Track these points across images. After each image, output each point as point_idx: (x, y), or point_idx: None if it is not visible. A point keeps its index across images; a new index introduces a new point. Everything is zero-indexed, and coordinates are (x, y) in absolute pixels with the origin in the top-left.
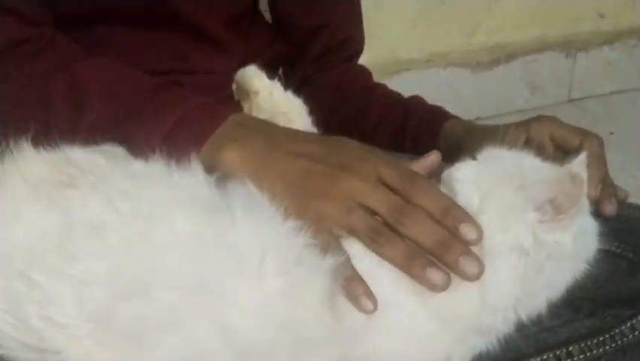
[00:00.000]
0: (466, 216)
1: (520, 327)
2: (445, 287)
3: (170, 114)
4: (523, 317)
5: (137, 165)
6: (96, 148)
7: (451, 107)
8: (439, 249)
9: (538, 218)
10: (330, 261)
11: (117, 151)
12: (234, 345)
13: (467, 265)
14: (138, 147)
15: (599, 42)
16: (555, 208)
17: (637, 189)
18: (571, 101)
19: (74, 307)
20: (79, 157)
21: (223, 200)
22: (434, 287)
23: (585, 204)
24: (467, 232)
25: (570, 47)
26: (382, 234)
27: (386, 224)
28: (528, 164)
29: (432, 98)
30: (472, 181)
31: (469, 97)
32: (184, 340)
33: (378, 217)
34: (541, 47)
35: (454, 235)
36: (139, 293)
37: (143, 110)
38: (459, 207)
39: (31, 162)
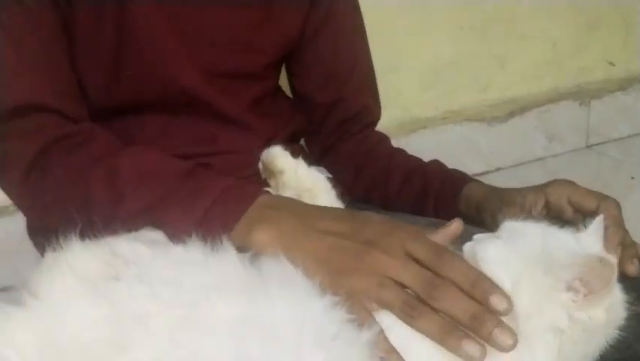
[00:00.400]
0: (494, 287)
1: None
2: (481, 359)
3: (200, 200)
4: None
5: (177, 252)
6: (138, 235)
7: (470, 161)
8: (473, 322)
9: (571, 298)
10: (366, 334)
11: (157, 237)
12: None
13: (501, 337)
14: (174, 230)
15: (612, 89)
16: (585, 285)
17: None
18: (589, 147)
19: None
20: (122, 248)
21: (258, 276)
22: (471, 359)
23: (616, 282)
24: (497, 302)
25: (583, 95)
26: (416, 308)
27: (418, 297)
28: (553, 242)
29: (451, 153)
30: (498, 263)
31: (488, 149)
32: None
33: (409, 290)
34: (555, 97)
35: (485, 306)
36: None
37: (175, 197)
38: (487, 278)
39: (79, 256)
